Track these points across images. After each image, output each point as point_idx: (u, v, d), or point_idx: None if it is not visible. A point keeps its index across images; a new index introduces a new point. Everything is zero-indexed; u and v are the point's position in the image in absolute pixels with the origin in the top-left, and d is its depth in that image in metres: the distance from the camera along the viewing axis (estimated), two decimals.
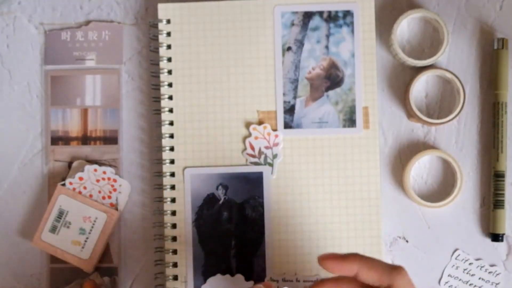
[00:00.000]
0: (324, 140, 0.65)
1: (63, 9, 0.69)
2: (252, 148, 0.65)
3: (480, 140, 0.67)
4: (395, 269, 0.48)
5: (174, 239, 0.65)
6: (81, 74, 0.68)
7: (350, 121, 0.65)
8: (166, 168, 0.65)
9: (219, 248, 0.65)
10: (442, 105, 0.67)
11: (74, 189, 0.60)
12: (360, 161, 0.65)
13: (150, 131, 0.68)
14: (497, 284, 0.66)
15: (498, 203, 0.65)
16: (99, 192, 0.60)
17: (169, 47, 0.66)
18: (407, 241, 0.66)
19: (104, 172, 0.61)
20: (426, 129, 0.67)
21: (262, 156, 0.65)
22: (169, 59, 0.66)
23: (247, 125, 0.65)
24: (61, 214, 0.55)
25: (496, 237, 0.65)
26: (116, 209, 0.60)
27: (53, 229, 0.56)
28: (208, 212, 0.65)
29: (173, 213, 0.65)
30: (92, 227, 0.58)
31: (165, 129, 0.66)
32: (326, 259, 0.49)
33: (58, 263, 0.66)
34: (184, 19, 0.66)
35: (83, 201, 0.56)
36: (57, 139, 0.67)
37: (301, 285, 0.50)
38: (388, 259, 0.66)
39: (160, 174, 0.66)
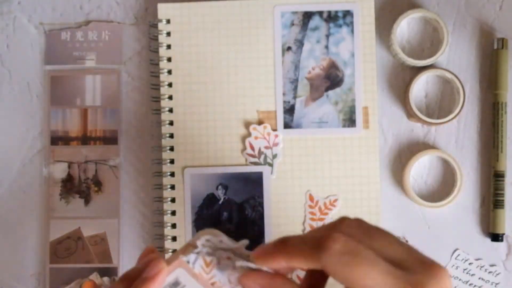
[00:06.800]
0: (324, 140, 0.65)
1: (63, 9, 0.69)
2: (252, 148, 0.65)
3: (480, 140, 0.67)
4: (321, 247, 0.38)
5: (174, 239, 0.65)
6: (81, 74, 0.68)
7: (350, 121, 0.65)
8: (166, 168, 0.65)
9: None
10: (442, 105, 0.67)
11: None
12: (360, 161, 0.65)
13: (150, 131, 0.68)
14: (497, 284, 0.66)
15: (498, 203, 0.65)
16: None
17: (169, 47, 0.66)
18: (407, 241, 0.66)
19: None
20: (426, 129, 0.67)
21: (262, 156, 0.65)
22: (169, 59, 0.66)
23: (247, 125, 0.65)
24: (176, 284, 0.48)
25: (496, 237, 0.65)
26: None
27: None
28: (208, 212, 0.65)
29: (173, 213, 0.65)
30: None
31: (165, 129, 0.66)
32: (256, 258, 0.41)
33: (58, 263, 0.66)
34: (184, 19, 0.66)
35: (204, 285, 0.47)
36: (57, 139, 0.67)
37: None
38: None
39: (160, 174, 0.66)
